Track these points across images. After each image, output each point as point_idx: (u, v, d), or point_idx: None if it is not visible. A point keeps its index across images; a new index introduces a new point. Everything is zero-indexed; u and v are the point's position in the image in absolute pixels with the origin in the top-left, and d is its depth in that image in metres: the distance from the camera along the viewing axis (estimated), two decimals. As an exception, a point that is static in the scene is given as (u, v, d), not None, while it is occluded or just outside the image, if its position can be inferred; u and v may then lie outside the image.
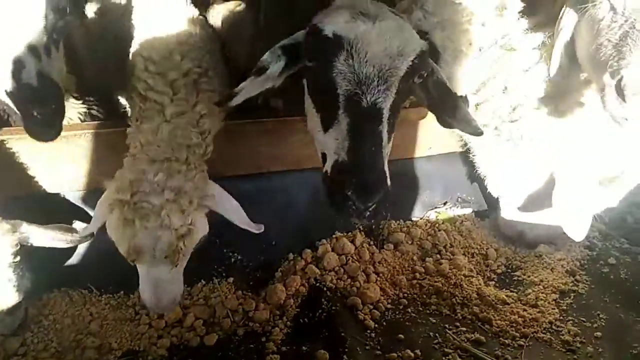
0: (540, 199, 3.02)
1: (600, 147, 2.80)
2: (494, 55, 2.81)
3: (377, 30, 1.91)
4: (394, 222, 3.35)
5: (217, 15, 3.07)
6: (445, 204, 3.47)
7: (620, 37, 2.22)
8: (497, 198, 3.29)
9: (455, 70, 2.51)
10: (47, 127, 2.01)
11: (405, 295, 2.90)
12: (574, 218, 2.74)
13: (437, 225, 3.35)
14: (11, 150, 2.44)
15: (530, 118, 2.80)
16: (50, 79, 1.99)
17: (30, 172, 2.51)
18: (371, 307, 2.76)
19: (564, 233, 2.78)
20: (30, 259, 2.25)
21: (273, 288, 2.75)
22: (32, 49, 1.93)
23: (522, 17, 2.78)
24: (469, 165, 3.45)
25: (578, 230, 2.72)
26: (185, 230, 2.04)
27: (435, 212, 3.42)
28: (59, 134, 2.08)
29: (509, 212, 3.28)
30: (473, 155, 3.19)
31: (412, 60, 1.96)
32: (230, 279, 2.85)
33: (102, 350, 2.40)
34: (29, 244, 2.21)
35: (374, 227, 3.28)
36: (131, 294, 2.72)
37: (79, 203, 2.68)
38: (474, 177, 3.50)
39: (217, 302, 2.68)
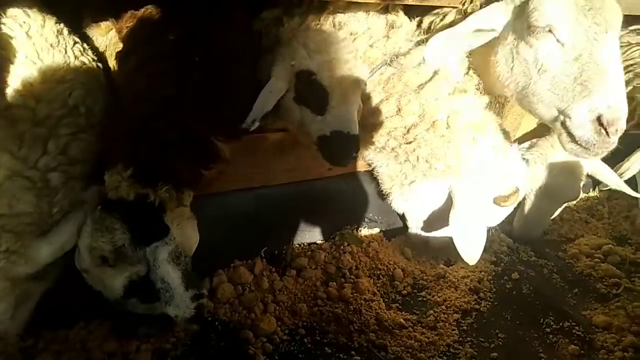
0: (441, 219, 2.99)
1: (494, 167, 2.80)
2: (385, 76, 2.77)
3: None
4: (297, 246, 3.24)
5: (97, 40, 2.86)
6: (351, 224, 3.40)
7: (579, 72, 2.19)
8: (403, 215, 3.26)
9: (345, 110, 2.44)
10: None
11: (305, 324, 2.77)
12: (468, 241, 2.71)
13: (342, 247, 3.26)
14: None
15: (425, 139, 2.76)
16: None
17: None
18: (264, 340, 2.62)
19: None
20: None
21: (157, 326, 2.57)
22: None
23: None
24: (376, 184, 3.40)
25: (471, 253, 2.69)
26: None
27: (341, 233, 3.33)
28: None
29: (415, 229, 3.26)
30: (376, 174, 3.14)
31: None
32: (113, 319, 2.65)
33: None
34: None
35: (276, 252, 3.16)
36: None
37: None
38: (382, 195, 3.45)
39: (94, 346, 2.47)
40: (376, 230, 3.47)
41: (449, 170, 2.75)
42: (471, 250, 2.72)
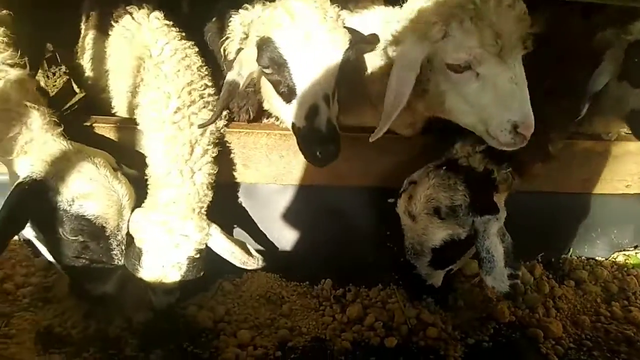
0: None
1: None
2: None
3: None
4: (575, 258, 3.18)
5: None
6: (636, 247, 3.21)
7: None
8: None
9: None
10: (325, 162, 2.06)
11: (588, 337, 2.73)
12: None
13: (625, 269, 3.11)
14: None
15: None
16: (334, 125, 2.05)
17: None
18: (553, 342, 2.64)
19: None
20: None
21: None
22: (326, 98, 2.03)
23: None
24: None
25: None
26: None
27: (624, 254, 3.17)
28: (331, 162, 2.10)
29: None
30: None
31: None
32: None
33: (294, 332, 2.59)
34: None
35: (552, 260, 3.15)
36: (315, 285, 2.91)
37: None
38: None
39: (396, 308, 2.76)
40: (662, 258, 3.22)
41: None
42: None
